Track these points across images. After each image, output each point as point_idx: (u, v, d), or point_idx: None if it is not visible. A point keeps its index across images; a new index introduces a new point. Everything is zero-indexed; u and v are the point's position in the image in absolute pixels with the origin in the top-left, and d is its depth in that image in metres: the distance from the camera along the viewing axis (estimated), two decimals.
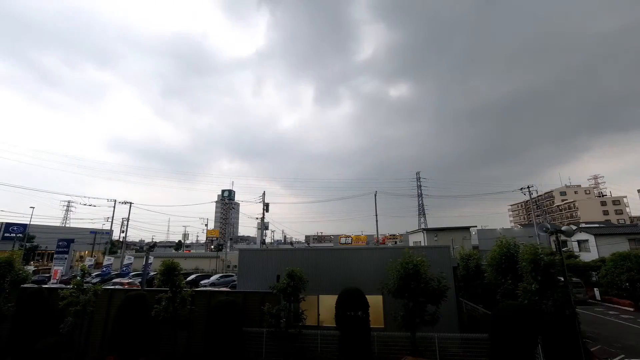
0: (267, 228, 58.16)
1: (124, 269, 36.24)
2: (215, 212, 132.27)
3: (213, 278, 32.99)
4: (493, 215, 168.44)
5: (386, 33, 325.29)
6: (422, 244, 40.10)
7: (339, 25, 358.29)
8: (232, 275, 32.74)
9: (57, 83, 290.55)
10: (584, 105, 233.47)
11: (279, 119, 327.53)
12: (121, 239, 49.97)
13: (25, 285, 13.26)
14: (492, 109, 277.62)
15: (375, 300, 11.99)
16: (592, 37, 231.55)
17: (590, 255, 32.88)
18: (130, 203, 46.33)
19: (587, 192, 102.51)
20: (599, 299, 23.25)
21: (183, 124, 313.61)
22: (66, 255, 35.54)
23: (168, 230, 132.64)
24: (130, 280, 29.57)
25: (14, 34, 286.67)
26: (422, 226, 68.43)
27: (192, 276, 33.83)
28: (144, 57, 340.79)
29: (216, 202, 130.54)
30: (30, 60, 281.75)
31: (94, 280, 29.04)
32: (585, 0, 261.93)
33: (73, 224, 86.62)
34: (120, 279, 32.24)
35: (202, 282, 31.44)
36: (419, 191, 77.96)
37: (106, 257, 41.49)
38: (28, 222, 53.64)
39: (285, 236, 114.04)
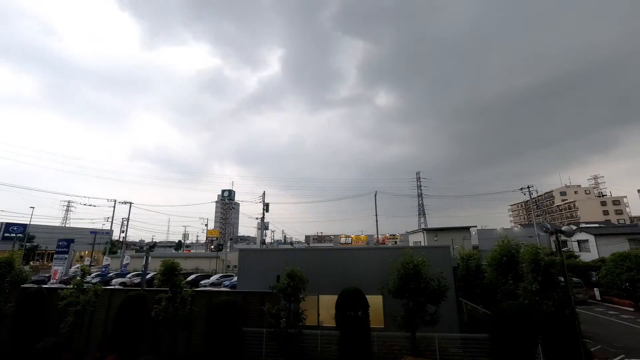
0: (267, 228, 58.12)
1: (123, 268, 36.25)
2: (215, 212, 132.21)
3: (213, 278, 33.01)
4: (493, 215, 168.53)
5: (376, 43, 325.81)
6: (422, 244, 40.09)
7: (331, 37, 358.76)
8: (232, 276, 32.74)
9: (91, 108, 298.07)
10: (584, 106, 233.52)
11: (282, 126, 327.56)
12: (121, 239, 49.92)
13: (25, 285, 13.26)
14: (492, 111, 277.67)
15: (375, 300, 11.98)
16: (586, 45, 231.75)
17: (590, 255, 32.87)
18: (130, 203, 46.29)
19: (587, 192, 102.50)
20: (599, 299, 23.24)
21: (193, 135, 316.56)
22: (66, 255, 35.51)
23: (168, 230, 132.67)
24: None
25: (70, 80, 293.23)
26: (422, 226, 68.41)
27: (192, 276, 33.83)
28: (169, 86, 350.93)
29: (216, 202, 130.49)
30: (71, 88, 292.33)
31: (94, 281, 29.04)
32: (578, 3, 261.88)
33: (73, 224, 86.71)
34: (119, 278, 32.28)
35: (202, 282, 31.44)
36: (419, 191, 77.98)
37: (105, 257, 41.50)
38: (28, 222, 53.61)
39: (285, 236, 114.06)
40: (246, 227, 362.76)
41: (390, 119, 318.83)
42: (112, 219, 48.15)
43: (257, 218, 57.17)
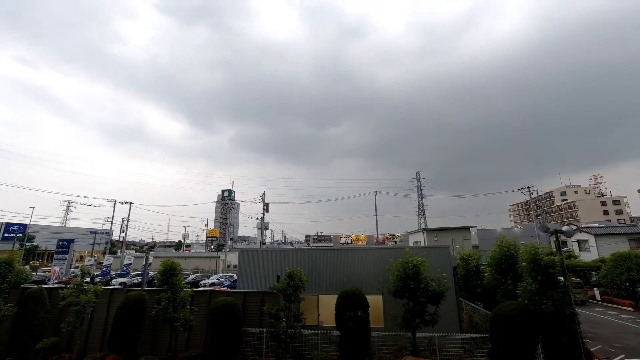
0: (267, 228, 58.22)
1: (124, 268, 36.26)
2: (215, 212, 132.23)
3: (213, 278, 33.09)
4: (493, 215, 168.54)
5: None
6: (422, 244, 40.09)
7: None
8: (232, 276, 32.80)
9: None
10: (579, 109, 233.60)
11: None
12: (121, 239, 49.95)
13: (25, 285, 13.27)
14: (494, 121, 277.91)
15: (375, 300, 11.99)
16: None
17: (590, 255, 32.88)
18: (130, 203, 46.34)
19: (587, 192, 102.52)
20: (599, 299, 23.26)
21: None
22: (66, 255, 35.56)
23: (168, 230, 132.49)
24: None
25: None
26: (422, 226, 68.45)
27: (192, 276, 33.93)
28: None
29: (216, 202, 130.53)
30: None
31: (95, 280, 29.06)
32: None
33: (73, 224, 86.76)
34: (120, 278, 32.31)
35: (202, 282, 31.49)
36: (419, 191, 78.11)
37: (106, 257, 41.50)
38: (28, 222, 53.65)
39: (285, 236, 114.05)
40: (246, 227, 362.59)
41: (393, 121, 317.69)
42: (112, 219, 48.24)
43: (257, 218, 57.18)
